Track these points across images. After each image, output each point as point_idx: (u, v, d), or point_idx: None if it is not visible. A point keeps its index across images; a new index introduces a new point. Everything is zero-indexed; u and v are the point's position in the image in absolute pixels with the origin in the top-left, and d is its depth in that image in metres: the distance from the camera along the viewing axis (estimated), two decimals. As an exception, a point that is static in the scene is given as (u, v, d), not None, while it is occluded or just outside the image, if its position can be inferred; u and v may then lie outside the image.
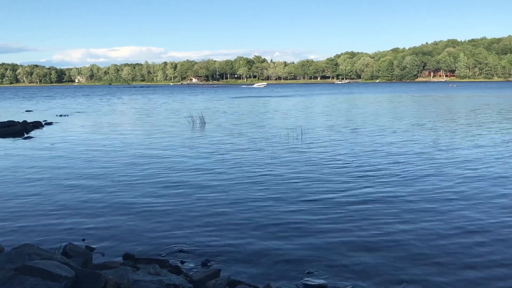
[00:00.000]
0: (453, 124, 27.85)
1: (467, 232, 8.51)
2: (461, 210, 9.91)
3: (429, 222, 9.07)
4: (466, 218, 9.31)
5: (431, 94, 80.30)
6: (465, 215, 9.54)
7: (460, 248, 7.74)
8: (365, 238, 8.25)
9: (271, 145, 19.80)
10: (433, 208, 10.05)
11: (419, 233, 8.47)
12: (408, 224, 9.01)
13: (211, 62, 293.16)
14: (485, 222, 9.09)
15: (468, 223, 9.01)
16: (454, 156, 16.44)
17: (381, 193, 11.33)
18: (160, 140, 22.05)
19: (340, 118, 33.55)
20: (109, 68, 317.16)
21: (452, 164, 14.86)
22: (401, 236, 8.36)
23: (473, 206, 10.19)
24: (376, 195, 11.14)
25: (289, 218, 9.44)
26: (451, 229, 8.70)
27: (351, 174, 13.51)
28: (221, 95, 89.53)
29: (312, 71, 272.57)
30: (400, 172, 13.82)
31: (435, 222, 9.04)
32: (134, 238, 8.52)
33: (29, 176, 14.08)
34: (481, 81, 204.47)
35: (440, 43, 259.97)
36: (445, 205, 10.27)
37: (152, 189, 12.20)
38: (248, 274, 6.87)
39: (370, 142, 20.23)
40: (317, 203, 10.54)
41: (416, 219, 9.24)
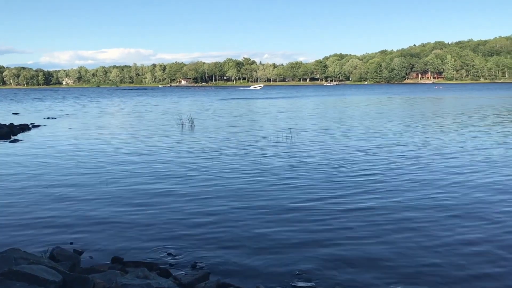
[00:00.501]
0: (441, 126, 28.10)
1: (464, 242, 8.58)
2: (451, 219, 9.99)
3: (423, 231, 8.92)
4: (462, 228, 9.38)
5: (415, 97, 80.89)
6: (459, 224, 9.62)
7: (459, 259, 7.79)
8: (354, 243, 8.25)
9: (260, 148, 19.81)
10: (425, 216, 10.08)
11: (409, 241, 8.47)
12: (399, 232, 9.04)
13: (200, 64, 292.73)
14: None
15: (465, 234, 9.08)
16: (444, 159, 16.59)
17: (372, 200, 11.35)
18: (148, 144, 21.95)
19: (330, 121, 33.67)
20: (97, 70, 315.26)
21: (443, 168, 15.00)
22: (392, 243, 8.37)
23: (463, 216, 10.28)
24: (366, 202, 11.16)
25: (279, 221, 9.43)
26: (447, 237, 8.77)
27: (341, 180, 13.53)
28: (213, 97, 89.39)
29: (301, 73, 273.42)
30: (390, 178, 13.90)
31: (428, 232, 8.95)
32: (122, 241, 8.46)
33: (15, 179, 13.93)
34: (468, 83, 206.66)
35: (427, 45, 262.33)
36: (436, 214, 10.35)
37: (140, 192, 12.13)
38: (238, 276, 6.86)
39: (360, 146, 20.32)
40: (306, 208, 10.53)
41: (404, 227, 9.18)
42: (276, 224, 9.22)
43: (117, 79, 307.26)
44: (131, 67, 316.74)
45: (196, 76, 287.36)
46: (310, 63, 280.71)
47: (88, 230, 9.11)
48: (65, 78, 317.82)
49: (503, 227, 8.86)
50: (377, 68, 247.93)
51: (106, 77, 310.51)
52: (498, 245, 7.93)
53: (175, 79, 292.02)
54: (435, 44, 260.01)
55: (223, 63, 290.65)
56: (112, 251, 7.93)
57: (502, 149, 18.15)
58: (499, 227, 8.87)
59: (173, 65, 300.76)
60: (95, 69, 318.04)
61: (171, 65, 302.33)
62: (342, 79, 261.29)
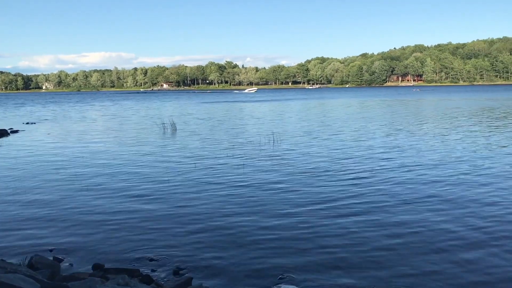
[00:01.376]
0: (423, 127, 28.46)
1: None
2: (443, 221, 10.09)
3: (410, 233, 8.99)
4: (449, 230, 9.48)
5: (391, 99, 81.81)
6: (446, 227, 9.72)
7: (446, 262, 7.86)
8: (338, 246, 8.27)
9: (244, 152, 19.78)
10: (413, 218, 10.17)
11: (396, 245, 8.53)
12: (385, 235, 9.10)
13: (182, 68, 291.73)
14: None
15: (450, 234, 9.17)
16: (427, 159, 16.79)
17: (356, 204, 11.41)
18: (129, 149, 21.74)
19: (314, 123, 33.84)
20: (77, 75, 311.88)
21: (427, 167, 15.17)
22: (378, 246, 8.43)
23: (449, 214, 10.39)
24: (350, 206, 11.21)
25: (261, 226, 9.39)
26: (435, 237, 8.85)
27: (324, 184, 13.57)
28: (200, 101, 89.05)
29: (283, 76, 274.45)
30: (375, 181, 14.00)
31: (416, 235, 9.03)
32: (104, 247, 8.34)
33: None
34: (447, 85, 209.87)
35: (407, 48, 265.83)
36: (425, 210, 10.44)
37: (122, 198, 11.99)
38: (221, 281, 6.81)
39: (341, 149, 20.44)
40: (290, 211, 10.53)
41: (390, 230, 9.23)
42: (259, 228, 9.19)
43: (98, 83, 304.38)
44: (112, 71, 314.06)
45: (178, 79, 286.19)
46: (292, 67, 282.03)
47: (69, 237, 8.96)
48: (45, 83, 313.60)
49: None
50: (358, 71, 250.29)
51: (87, 81, 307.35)
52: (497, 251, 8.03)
53: (157, 83, 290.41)
54: (415, 47, 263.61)
55: (205, 67, 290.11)
56: (93, 258, 7.81)
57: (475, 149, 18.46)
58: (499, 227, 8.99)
59: (155, 69, 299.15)
60: (76, 73, 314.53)
61: (152, 68, 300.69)
62: (324, 82, 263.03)
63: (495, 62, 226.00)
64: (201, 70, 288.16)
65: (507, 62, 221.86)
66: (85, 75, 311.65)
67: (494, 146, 19.68)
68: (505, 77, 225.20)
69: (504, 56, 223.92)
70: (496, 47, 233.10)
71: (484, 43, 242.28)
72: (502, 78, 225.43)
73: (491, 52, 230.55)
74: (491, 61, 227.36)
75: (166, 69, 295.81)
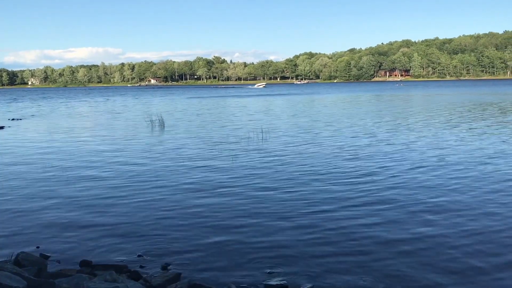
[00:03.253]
0: (407, 122, 28.68)
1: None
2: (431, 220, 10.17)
3: (396, 228, 9.08)
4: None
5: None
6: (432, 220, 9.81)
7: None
8: (326, 239, 8.32)
9: (232, 148, 19.78)
10: (396, 214, 10.24)
11: (379, 236, 8.60)
12: (369, 227, 9.16)
13: (170, 63, 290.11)
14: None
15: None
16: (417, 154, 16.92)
17: (343, 199, 11.48)
18: (117, 144, 21.60)
19: (304, 118, 33.92)
20: (64, 70, 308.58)
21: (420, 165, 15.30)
22: (362, 238, 8.49)
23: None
24: (336, 201, 11.27)
25: (250, 221, 9.40)
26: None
27: (311, 180, 13.62)
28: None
29: (272, 71, 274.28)
30: (363, 176, 14.07)
31: (397, 229, 9.15)
32: (91, 244, 8.29)
33: (-22, 183, 13.47)
34: (434, 80, 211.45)
35: (395, 44, 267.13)
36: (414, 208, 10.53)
37: (109, 194, 11.91)
38: (209, 277, 6.80)
39: (326, 145, 20.51)
40: (277, 207, 10.53)
41: (377, 223, 9.31)
42: (247, 224, 9.20)
43: (85, 78, 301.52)
44: (99, 67, 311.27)
45: (166, 75, 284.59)
46: (280, 62, 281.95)
47: (56, 234, 8.88)
48: (31, 78, 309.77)
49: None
50: (346, 67, 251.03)
51: (74, 77, 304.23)
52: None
53: (144, 78, 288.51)
54: (402, 42, 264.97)
55: (193, 62, 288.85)
56: (81, 254, 7.75)
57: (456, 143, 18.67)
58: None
59: (142, 64, 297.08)
60: (62, 69, 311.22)
61: (140, 64, 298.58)
62: (312, 77, 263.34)
63: (481, 57, 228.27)
64: (189, 66, 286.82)
65: (493, 57, 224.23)
66: (71, 70, 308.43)
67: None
68: (491, 72, 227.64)
69: (489, 51, 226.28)
70: (482, 42, 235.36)
71: (470, 38, 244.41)
72: (488, 73, 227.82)
73: (477, 47, 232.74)
74: (477, 56, 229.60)
75: (153, 64, 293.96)
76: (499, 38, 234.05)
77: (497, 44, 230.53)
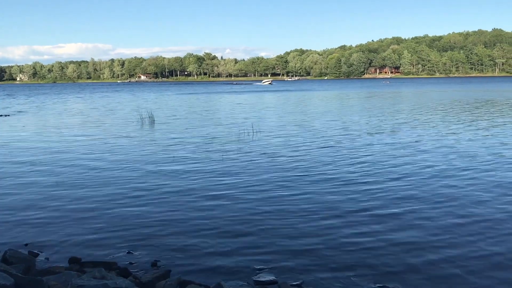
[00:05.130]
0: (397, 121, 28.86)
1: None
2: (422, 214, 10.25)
3: (386, 229, 9.08)
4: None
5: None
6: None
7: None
8: (315, 235, 8.34)
9: (223, 144, 19.76)
10: (390, 211, 10.30)
11: (368, 233, 8.65)
12: (352, 227, 9.21)
13: (160, 59, 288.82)
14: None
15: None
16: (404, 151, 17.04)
17: (333, 193, 11.53)
18: (106, 141, 21.47)
19: (292, 116, 33.96)
20: (53, 66, 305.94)
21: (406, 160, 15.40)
22: (351, 234, 8.54)
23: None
24: (327, 195, 11.32)
25: (240, 219, 9.37)
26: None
27: (301, 176, 13.66)
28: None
29: (263, 68, 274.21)
30: (351, 171, 14.14)
31: (387, 226, 9.21)
32: (81, 241, 8.23)
33: (-35, 180, 13.31)
34: (423, 78, 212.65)
35: (385, 41, 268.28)
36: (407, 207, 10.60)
37: (98, 191, 11.82)
38: (199, 273, 6.80)
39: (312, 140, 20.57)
40: (267, 203, 10.53)
41: (360, 222, 9.36)
42: (237, 221, 9.18)
43: (74, 74, 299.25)
44: (88, 63, 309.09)
45: (156, 71, 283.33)
46: (271, 59, 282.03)
47: (44, 231, 8.80)
48: (19, 74, 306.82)
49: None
50: (337, 64, 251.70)
51: (63, 73, 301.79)
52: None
53: (134, 74, 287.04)
54: (392, 39, 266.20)
55: (184, 58, 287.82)
56: (70, 251, 7.70)
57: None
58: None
59: (132, 60, 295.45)
60: (51, 65, 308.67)
61: (130, 60, 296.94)
62: (303, 74, 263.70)
63: (470, 54, 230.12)
64: (180, 62, 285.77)
65: (482, 54, 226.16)
66: (61, 66, 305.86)
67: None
68: (480, 69, 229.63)
69: (478, 48, 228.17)
70: (471, 39, 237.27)
71: (459, 36, 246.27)
72: (477, 71, 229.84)
73: (467, 44, 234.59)
74: (466, 54, 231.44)
75: (143, 60, 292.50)
76: (488, 36, 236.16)
77: (486, 41, 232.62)
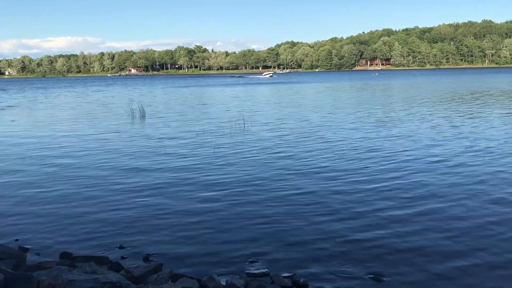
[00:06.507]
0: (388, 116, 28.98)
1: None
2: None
3: (377, 222, 9.18)
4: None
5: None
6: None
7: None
8: (307, 227, 8.37)
9: (214, 137, 19.74)
10: (378, 206, 10.36)
11: (354, 226, 8.69)
12: (343, 220, 9.25)
13: (151, 52, 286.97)
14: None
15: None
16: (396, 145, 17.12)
17: (321, 185, 11.56)
18: (96, 135, 21.35)
19: (285, 109, 33.98)
20: (42, 60, 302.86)
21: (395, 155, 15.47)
22: (343, 228, 8.58)
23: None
24: (315, 187, 11.35)
25: (231, 212, 9.38)
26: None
27: (292, 167, 13.69)
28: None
29: (254, 60, 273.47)
30: (338, 163, 14.18)
31: (374, 219, 9.29)
32: (72, 236, 8.20)
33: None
34: (414, 69, 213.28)
35: (376, 32, 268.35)
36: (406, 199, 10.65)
37: (89, 185, 11.77)
38: (191, 267, 6.80)
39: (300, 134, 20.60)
40: (257, 196, 10.54)
41: (351, 215, 9.37)
42: (228, 214, 9.18)
43: (64, 68, 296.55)
44: (78, 56, 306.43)
45: (146, 64, 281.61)
46: (262, 51, 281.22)
47: (35, 226, 8.75)
48: (8, 68, 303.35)
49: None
50: (328, 56, 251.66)
51: (52, 67, 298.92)
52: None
53: (125, 67, 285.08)
54: (383, 31, 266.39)
55: (175, 51, 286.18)
56: (61, 246, 7.67)
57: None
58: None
59: (122, 54, 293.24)
60: (40, 59, 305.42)
61: (120, 53, 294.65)
62: (294, 66, 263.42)
63: (460, 46, 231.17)
64: (170, 55, 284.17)
65: (471, 46, 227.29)
66: (50, 60, 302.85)
67: None
68: (470, 60, 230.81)
69: (468, 40, 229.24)
70: (461, 31, 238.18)
71: (449, 27, 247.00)
72: (467, 62, 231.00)
73: (456, 36, 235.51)
74: (457, 45, 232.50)
75: (134, 53, 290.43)
76: (478, 27, 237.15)
77: (476, 33, 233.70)
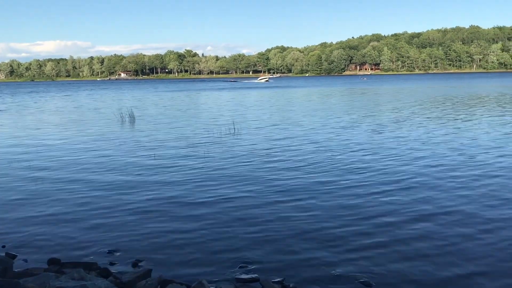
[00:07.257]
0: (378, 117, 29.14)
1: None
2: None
3: (358, 215, 9.31)
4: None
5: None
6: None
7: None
8: (297, 232, 8.36)
9: (203, 141, 19.71)
10: (362, 203, 10.40)
11: (349, 229, 8.72)
12: (335, 224, 9.27)
13: (141, 57, 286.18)
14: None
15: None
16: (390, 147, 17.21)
17: (312, 190, 11.58)
18: (85, 139, 21.20)
19: (277, 113, 34.02)
20: (31, 64, 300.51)
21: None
22: (332, 233, 8.59)
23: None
24: (307, 190, 11.37)
25: (219, 216, 9.35)
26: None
27: (280, 172, 13.69)
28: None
29: (244, 65, 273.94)
30: (325, 164, 14.22)
31: (366, 218, 9.34)
32: (60, 242, 8.12)
33: None
34: (402, 74, 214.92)
35: (365, 38, 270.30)
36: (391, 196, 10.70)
37: (78, 190, 11.66)
38: (180, 272, 6.76)
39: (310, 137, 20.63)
40: (246, 200, 10.54)
41: (344, 219, 9.42)
42: (218, 220, 9.13)
43: (53, 72, 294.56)
44: (67, 60, 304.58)
45: (136, 68, 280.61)
46: (252, 56, 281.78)
47: (22, 232, 8.65)
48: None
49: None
50: (318, 61, 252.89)
51: (41, 71, 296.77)
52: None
53: (114, 72, 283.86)
54: (372, 36, 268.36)
55: (165, 55, 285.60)
56: (49, 252, 7.58)
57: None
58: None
59: (112, 58, 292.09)
60: (29, 63, 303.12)
61: (109, 57, 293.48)
62: (284, 71, 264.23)
63: (448, 51, 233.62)
64: (160, 59, 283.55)
65: (460, 51, 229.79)
66: (39, 64, 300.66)
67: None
68: (458, 65, 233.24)
69: (456, 45, 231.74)
70: (449, 36, 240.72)
71: (438, 33, 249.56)
72: (455, 67, 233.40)
73: (445, 41, 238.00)
74: (445, 50, 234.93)
75: (123, 58, 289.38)
76: (465, 33, 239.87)
77: (464, 38, 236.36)
